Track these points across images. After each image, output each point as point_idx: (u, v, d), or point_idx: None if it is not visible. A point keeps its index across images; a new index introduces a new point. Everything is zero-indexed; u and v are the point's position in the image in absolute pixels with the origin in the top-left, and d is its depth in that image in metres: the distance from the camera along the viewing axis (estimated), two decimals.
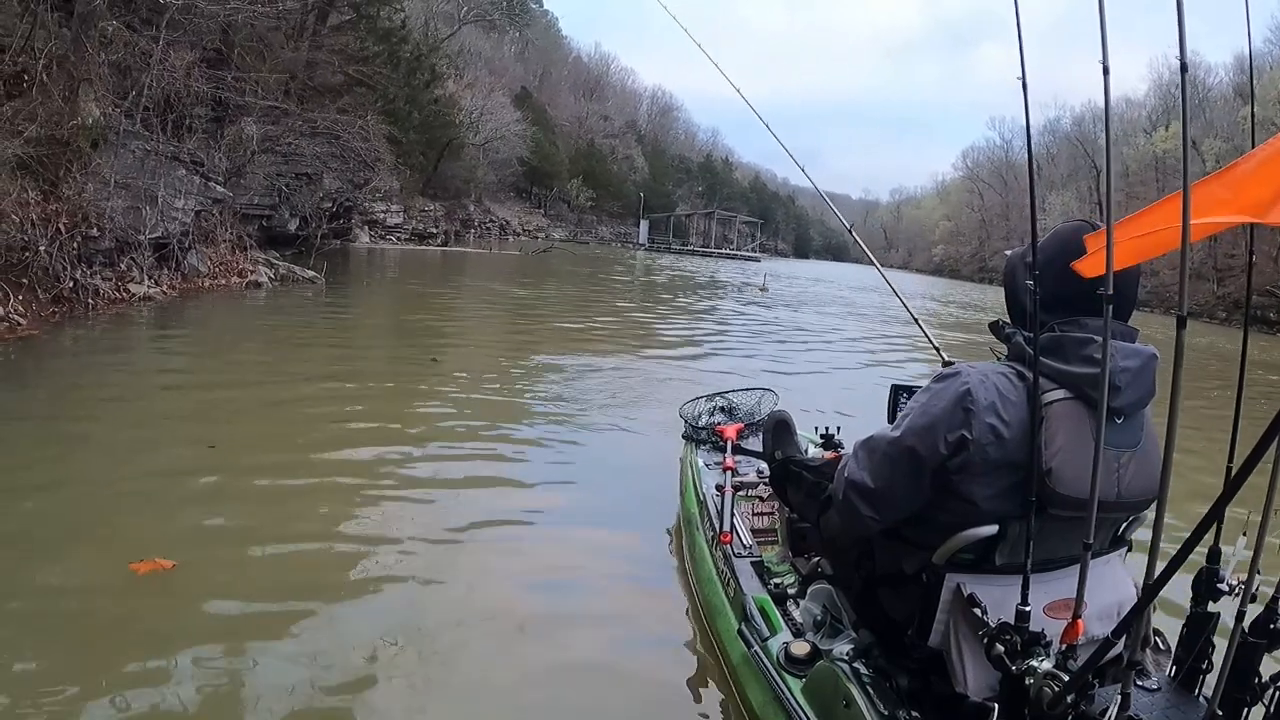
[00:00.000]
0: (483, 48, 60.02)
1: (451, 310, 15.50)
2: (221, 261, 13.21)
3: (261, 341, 9.41)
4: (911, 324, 3.36)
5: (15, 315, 7.80)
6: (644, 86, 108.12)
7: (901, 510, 1.99)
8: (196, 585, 3.15)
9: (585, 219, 74.06)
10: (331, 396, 6.69)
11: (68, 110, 9.67)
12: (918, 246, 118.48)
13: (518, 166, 59.76)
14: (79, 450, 4.84)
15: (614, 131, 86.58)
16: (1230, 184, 1.44)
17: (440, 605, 3.23)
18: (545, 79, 79.71)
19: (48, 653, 2.62)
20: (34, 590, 3.03)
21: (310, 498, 4.35)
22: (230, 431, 5.35)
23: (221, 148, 14.32)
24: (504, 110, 55.91)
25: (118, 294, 9.96)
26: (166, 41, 11.91)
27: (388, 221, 33.09)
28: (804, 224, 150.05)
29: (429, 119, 34.10)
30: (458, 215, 45.19)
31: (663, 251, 65.13)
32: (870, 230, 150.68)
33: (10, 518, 3.62)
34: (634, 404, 7.24)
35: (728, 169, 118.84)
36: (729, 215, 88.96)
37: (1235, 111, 50.38)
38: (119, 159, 10.48)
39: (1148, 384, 1.86)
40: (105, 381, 6.47)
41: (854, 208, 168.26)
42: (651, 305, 18.82)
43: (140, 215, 10.70)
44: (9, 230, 7.88)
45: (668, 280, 30.36)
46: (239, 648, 2.77)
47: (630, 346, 10.91)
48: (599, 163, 77.68)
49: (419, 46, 32.35)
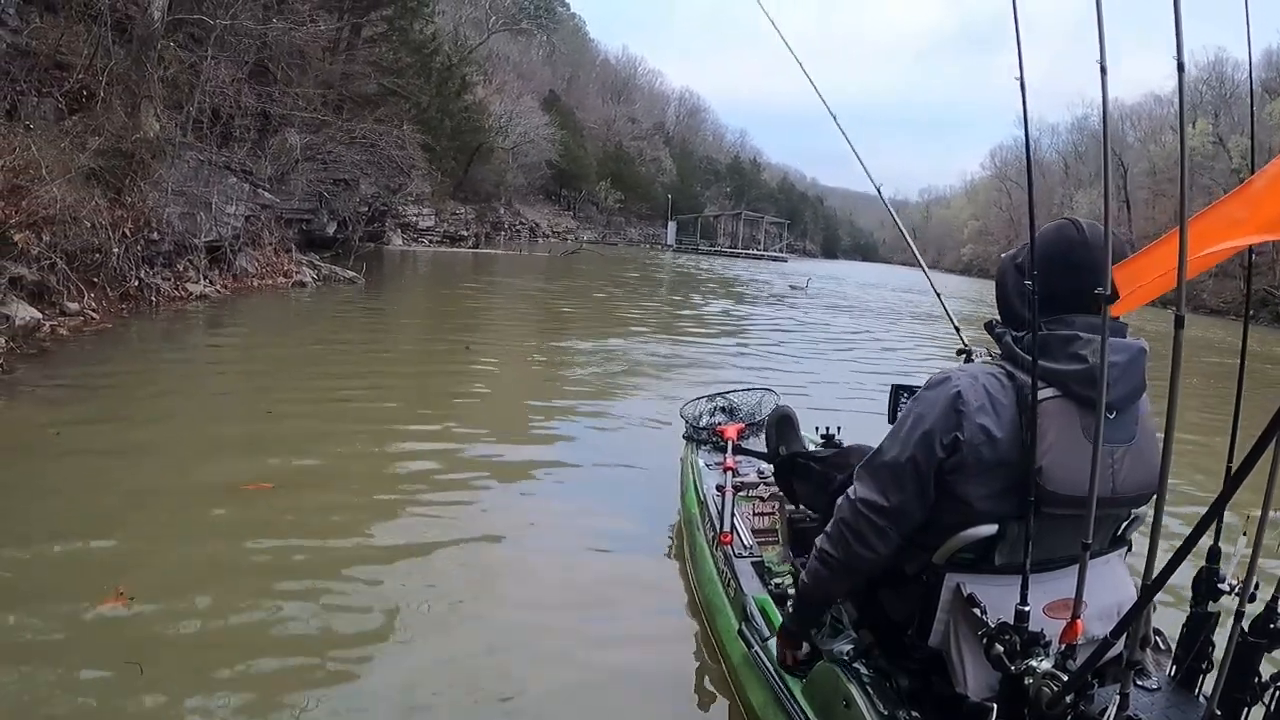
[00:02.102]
0: (510, 52, 60.09)
1: (483, 306, 16.23)
2: (268, 263, 13.84)
3: (311, 331, 10.52)
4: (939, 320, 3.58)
5: (89, 310, 8.60)
6: (671, 88, 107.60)
7: (916, 520, 1.97)
8: (294, 498, 4.23)
9: (614, 220, 73.91)
10: (371, 374, 7.79)
11: (130, 124, 10.56)
12: (946, 246, 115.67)
13: (546, 169, 60.09)
14: (175, 402, 6.23)
15: (642, 133, 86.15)
16: (1246, 203, 1.42)
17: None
18: (573, 82, 79.75)
19: (180, 538, 3.62)
20: (169, 489, 4.23)
21: (346, 440, 5.39)
22: (285, 399, 6.43)
23: (267, 156, 14.97)
24: (532, 114, 55.99)
25: (177, 292, 10.64)
26: (214, 58, 12.71)
27: (420, 224, 33.22)
28: (832, 224, 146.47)
29: (460, 125, 34.83)
30: (488, 218, 45.31)
31: (690, 252, 64.59)
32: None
33: (137, 437, 5.09)
34: (639, 404, 7.18)
35: (755, 170, 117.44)
36: (756, 216, 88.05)
37: (1262, 107, 50.04)
38: (175, 168, 11.12)
39: (1138, 378, 1.85)
40: (182, 359, 7.91)
41: (883, 208, 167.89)
42: (676, 304, 18.89)
43: (195, 220, 11.37)
44: (84, 234, 8.76)
45: (690, 279, 30.21)
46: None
47: (652, 345, 10.92)
48: (627, 165, 77.83)
49: (449, 57, 33.20)
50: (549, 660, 2.87)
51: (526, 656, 2.87)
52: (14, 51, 10.12)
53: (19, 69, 10.06)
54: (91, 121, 9.98)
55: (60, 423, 5.13)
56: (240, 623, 2.95)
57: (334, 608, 3.11)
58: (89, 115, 10.15)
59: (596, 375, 8.44)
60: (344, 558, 3.56)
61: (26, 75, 10.14)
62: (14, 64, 10.05)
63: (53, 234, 7.99)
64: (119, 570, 3.18)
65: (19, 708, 2.37)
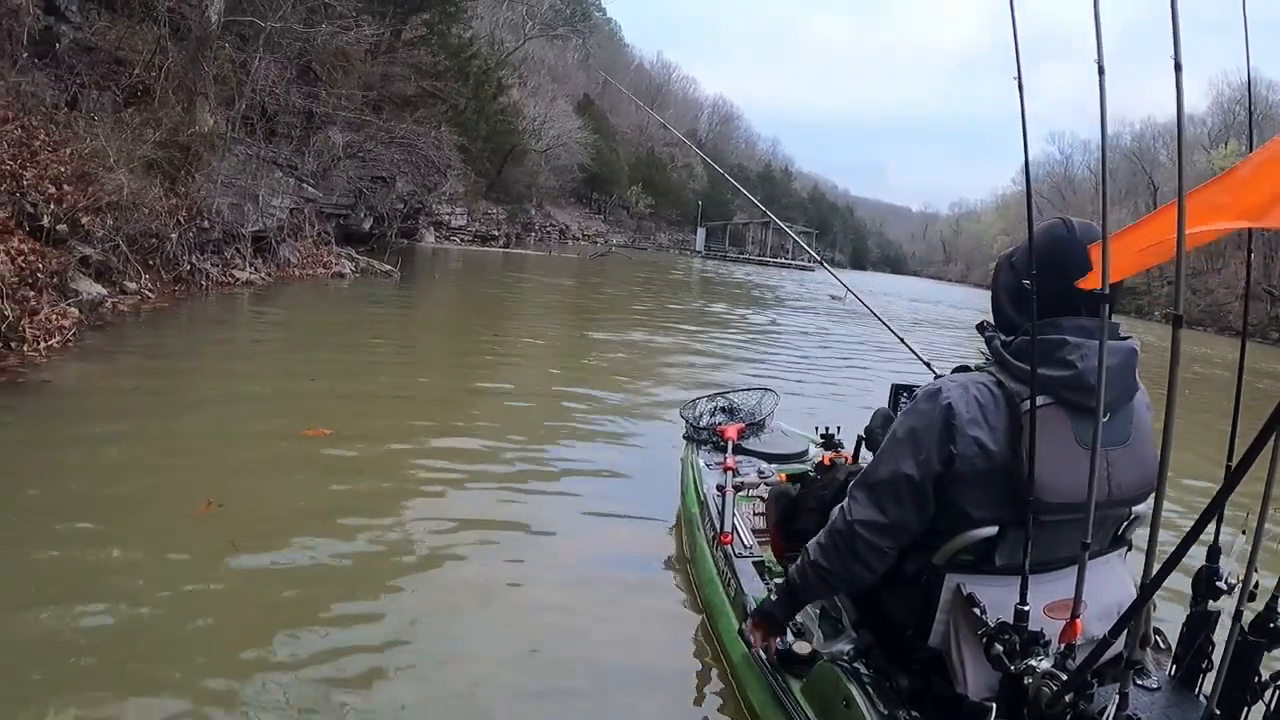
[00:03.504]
0: (546, 55, 59.78)
1: (510, 300, 17.07)
2: (309, 254, 14.35)
3: (351, 316, 11.45)
4: None
5: (146, 290, 9.21)
6: (705, 96, 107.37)
7: (914, 533, 1.95)
8: (348, 444, 5.00)
9: (644, 225, 74.20)
10: (402, 356, 8.67)
11: (187, 119, 11.25)
12: (975, 260, 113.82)
13: (578, 173, 60.22)
14: (235, 366, 7.21)
15: (674, 140, 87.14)
16: (1229, 189, 1.42)
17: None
18: (607, 86, 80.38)
19: (256, 467, 4.49)
20: (241, 433, 5.11)
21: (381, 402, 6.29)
22: (329, 370, 7.23)
23: (310, 153, 15.47)
24: (566, 118, 56.38)
25: (224, 278, 11.15)
26: (263, 58, 13.19)
27: (452, 223, 33.86)
28: (861, 235, 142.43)
29: (495, 127, 35.14)
30: (519, 219, 45.55)
31: (718, 259, 64.87)
32: (929, 243, 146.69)
33: (203, 393, 5.99)
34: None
35: (786, 179, 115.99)
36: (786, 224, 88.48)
37: None
38: (226, 162, 11.78)
39: (1129, 379, 1.83)
40: (235, 335, 8.98)
41: (914, 220, 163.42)
42: (701, 309, 18.89)
43: (243, 211, 11.87)
44: (143, 220, 9.39)
45: (717, 286, 30.32)
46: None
47: (672, 348, 11.04)
48: (658, 170, 78.08)
49: (486, 60, 33.88)
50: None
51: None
52: (77, 47, 10.79)
53: (82, 64, 10.69)
54: (150, 115, 10.59)
55: (138, 379, 6.09)
56: (305, 518, 3.81)
57: (365, 539, 3.67)
58: (147, 109, 10.82)
59: (607, 373, 8.60)
60: (380, 496, 4.23)
61: (89, 70, 10.82)
62: (78, 59, 10.71)
63: (115, 219, 8.60)
64: (206, 488, 3.89)
65: (143, 576, 3.08)
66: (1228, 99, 60.97)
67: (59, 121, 9.24)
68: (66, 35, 10.30)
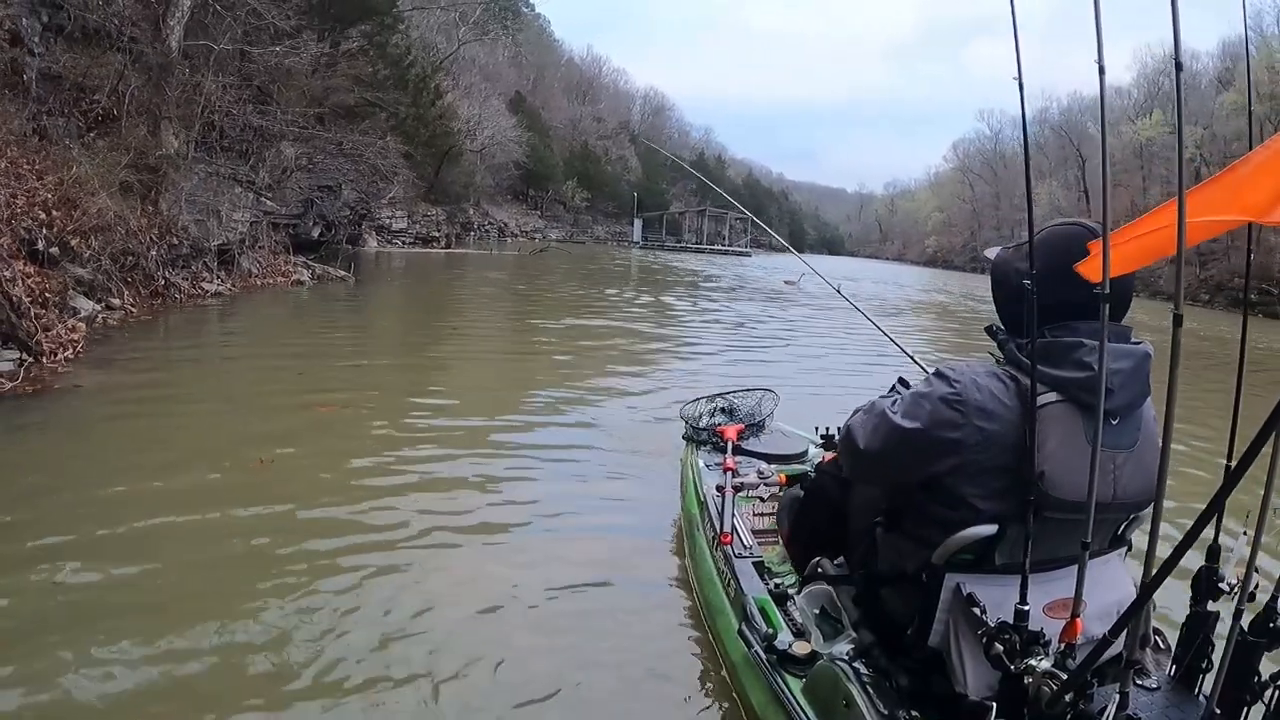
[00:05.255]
0: (477, 54, 58.56)
1: (462, 296, 17.88)
2: (268, 264, 14.78)
3: (324, 318, 12.27)
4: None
5: (129, 306, 9.81)
6: (636, 88, 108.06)
7: (870, 479, 2.02)
8: (355, 414, 6.03)
9: (581, 219, 74.08)
10: (377, 352, 9.53)
11: (154, 142, 11.87)
12: (911, 238, 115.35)
13: (514, 170, 60.20)
14: (233, 365, 8.06)
15: (607, 133, 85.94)
16: (1229, 187, 1.40)
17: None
18: (539, 83, 78.70)
19: (289, 430, 5.56)
20: (264, 405, 6.30)
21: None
22: (314, 366, 8.12)
23: (265, 167, 15.86)
24: (500, 116, 55.97)
25: (195, 290, 11.61)
26: (219, 80, 13.75)
27: (393, 226, 33.50)
28: (798, 219, 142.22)
29: (434, 131, 35.33)
30: (458, 219, 44.71)
31: (656, 249, 64.60)
32: (865, 223, 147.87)
33: (216, 387, 6.91)
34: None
35: (721, 166, 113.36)
36: (721, 212, 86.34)
37: (1214, 99, 50.21)
38: (189, 180, 12.34)
39: (1141, 384, 1.79)
40: (224, 339, 9.93)
41: (850, 201, 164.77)
42: (649, 299, 19.34)
43: (208, 227, 12.40)
44: (121, 240, 10.00)
45: (657, 273, 31.17)
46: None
47: (625, 341, 11.31)
48: (593, 164, 78.04)
49: (424, 67, 34.30)
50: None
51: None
52: (42, 77, 11.35)
53: (47, 92, 11.24)
54: (118, 140, 11.21)
55: (155, 378, 6.96)
56: (322, 474, 4.70)
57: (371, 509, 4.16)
58: (115, 134, 11.41)
59: (589, 370, 8.73)
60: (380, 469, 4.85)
61: (55, 98, 11.37)
62: (44, 88, 11.22)
63: (100, 240, 9.29)
64: (252, 451, 4.83)
65: (204, 516, 3.89)
66: (1152, 70, 62.10)
67: (34, 150, 9.79)
68: (32, 66, 10.85)
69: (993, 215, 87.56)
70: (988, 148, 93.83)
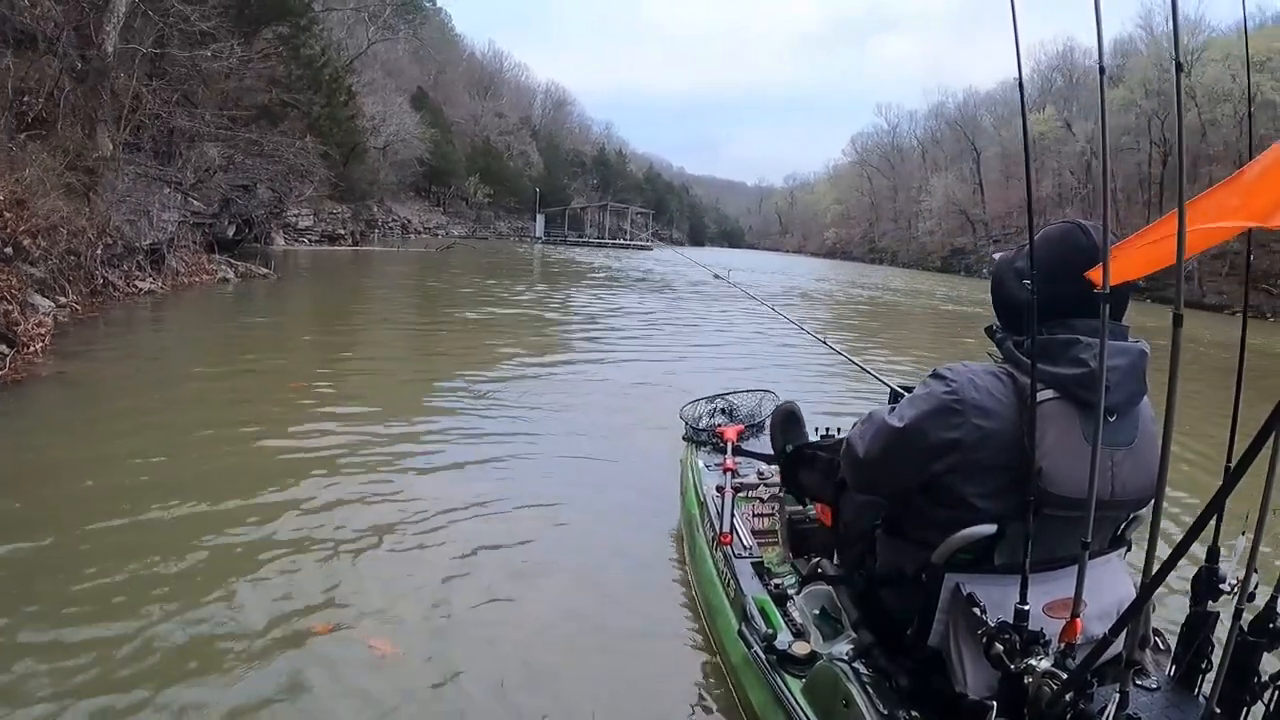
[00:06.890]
0: (379, 49, 58.56)
1: (381, 292, 18.48)
2: (193, 263, 14.79)
3: (258, 313, 12.94)
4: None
5: (73, 304, 10.29)
6: (537, 82, 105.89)
7: (874, 487, 2.03)
8: (318, 393, 6.68)
9: (483, 215, 73.32)
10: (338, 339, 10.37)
11: (90, 144, 12.23)
12: (811, 230, 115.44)
13: (417, 167, 59.04)
14: (204, 353, 8.74)
15: (509, 128, 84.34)
16: (1235, 192, 1.43)
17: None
18: (440, 78, 76.80)
19: (277, 401, 6.39)
20: (247, 385, 7.05)
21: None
22: (265, 358, 8.67)
23: (189, 168, 15.97)
24: (403, 113, 55.04)
25: (129, 289, 11.73)
26: (150, 85, 14.10)
27: (299, 224, 32.98)
28: (698, 212, 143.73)
29: (345, 130, 35.10)
30: (363, 216, 43.76)
31: (559, 244, 64.46)
32: (765, 216, 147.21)
33: (185, 372, 7.52)
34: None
35: (621, 161, 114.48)
36: (623, 207, 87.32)
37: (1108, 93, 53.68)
38: (122, 181, 12.67)
39: (1138, 381, 1.80)
40: (179, 330, 10.77)
41: (750, 195, 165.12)
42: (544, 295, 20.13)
43: (138, 227, 12.58)
44: (64, 239, 10.43)
45: (565, 268, 31.56)
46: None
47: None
48: (495, 160, 76.96)
49: (336, 68, 34.20)
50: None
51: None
52: None
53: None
54: (56, 142, 11.55)
55: (130, 364, 7.53)
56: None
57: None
58: (52, 136, 11.77)
59: (577, 361, 9.25)
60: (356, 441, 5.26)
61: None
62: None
63: (47, 240, 9.76)
64: (245, 420, 5.57)
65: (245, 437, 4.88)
66: (1045, 65, 63.59)
67: None
68: None
69: (890, 207, 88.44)
70: (885, 141, 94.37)
